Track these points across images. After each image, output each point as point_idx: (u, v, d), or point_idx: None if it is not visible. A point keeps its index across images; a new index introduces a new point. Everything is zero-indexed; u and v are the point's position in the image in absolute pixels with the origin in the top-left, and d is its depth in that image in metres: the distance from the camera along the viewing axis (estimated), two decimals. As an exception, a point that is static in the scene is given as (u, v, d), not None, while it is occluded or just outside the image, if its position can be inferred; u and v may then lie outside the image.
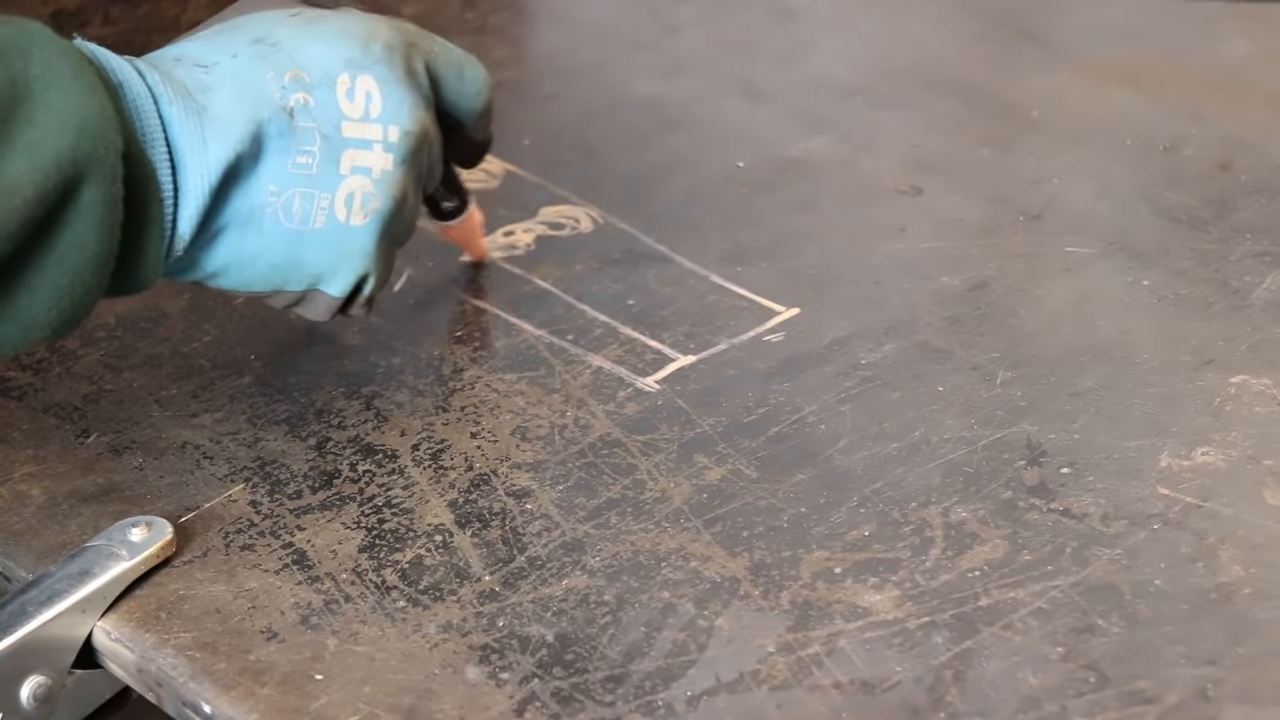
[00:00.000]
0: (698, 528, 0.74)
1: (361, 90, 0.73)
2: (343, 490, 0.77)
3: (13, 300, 0.65)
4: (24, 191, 0.62)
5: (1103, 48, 1.11)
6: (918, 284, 0.89)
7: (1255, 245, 0.91)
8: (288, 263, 0.74)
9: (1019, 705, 0.65)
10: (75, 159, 0.64)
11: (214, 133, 0.70)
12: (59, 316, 0.66)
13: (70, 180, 0.64)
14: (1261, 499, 0.74)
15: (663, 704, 0.66)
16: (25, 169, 0.62)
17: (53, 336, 0.67)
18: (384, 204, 0.74)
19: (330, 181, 0.73)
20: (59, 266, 0.65)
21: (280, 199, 0.72)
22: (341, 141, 0.72)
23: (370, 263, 0.75)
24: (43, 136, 0.63)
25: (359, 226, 0.74)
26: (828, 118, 1.04)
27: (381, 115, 0.73)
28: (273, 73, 0.72)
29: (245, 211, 0.72)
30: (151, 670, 0.69)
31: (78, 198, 0.64)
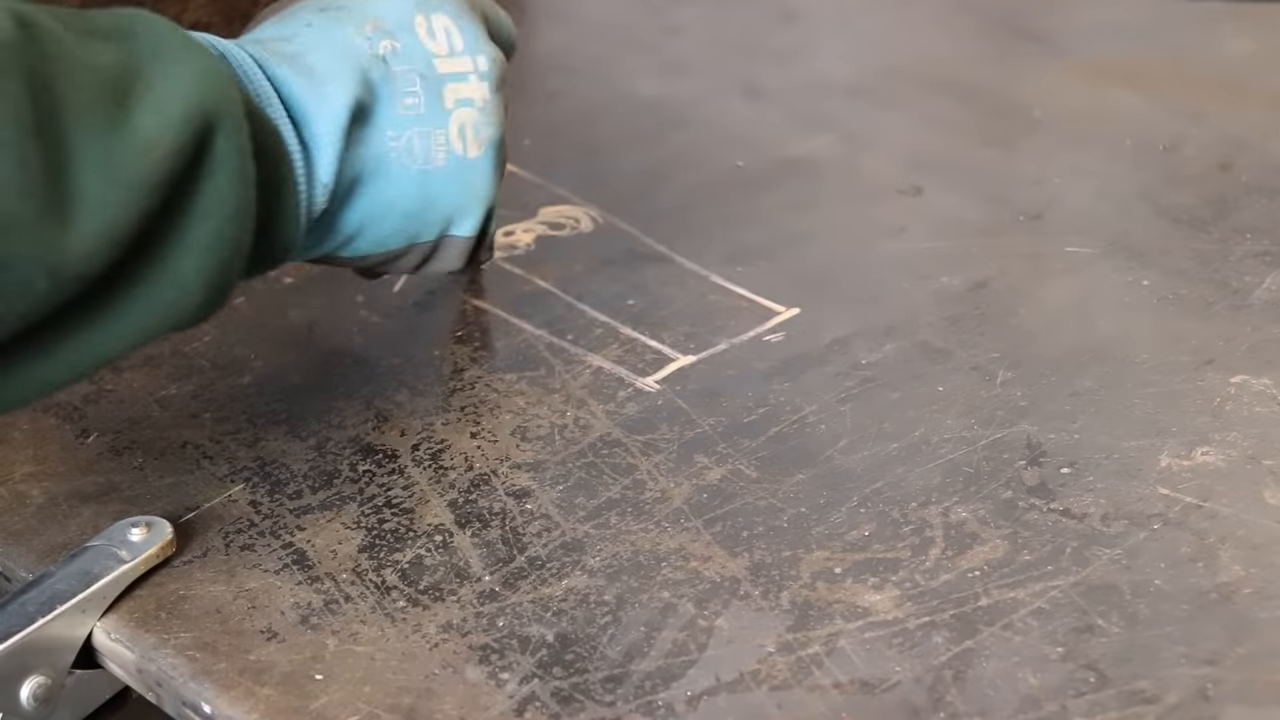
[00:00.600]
0: (698, 528, 0.74)
1: (440, 27, 0.75)
2: (343, 490, 0.77)
3: (162, 261, 0.64)
4: (162, 145, 0.63)
5: (1103, 48, 1.11)
6: (918, 284, 0.89)
7: (1255, 245, 0.91)
8: (420, 207, 0.74)
9: (1019, 705, 0.65)
10: (203, 110, 0.64)
11: (329, 85, 0.71)
12: (209, 278, 0.66)
13: (202, 130, 0.64)
14: (1261, 499, 0.74)
15: (663, 704, 0.66)
16: (157, 124, 0.63)
17: (205, 304, 0.67)
18: (493, 131, 0.75)
19: (440, 118, 0.74)
20: (203, 223, 0.65)
21: (401, 142, 0.73)
22: (439, 78, 0.74)
23: (492, 194, 0.76)
24: (167, 96, 0.64)
25: (477, 158, 0.75)
26: (828, 118, 1.04)
27: (466, 48, 0.75)
28: (352, 28, 0.73)
29: (374, 159, 0.73)
30: (151, 670, 0.69)
31: (212, 148, 0.65)
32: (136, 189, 0.62)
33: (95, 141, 0.61)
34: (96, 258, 0.61)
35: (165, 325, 0.66)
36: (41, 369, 0.63)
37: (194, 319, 0.67)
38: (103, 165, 0.61)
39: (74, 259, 0.60)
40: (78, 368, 0.64)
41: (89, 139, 0.61)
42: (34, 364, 0.63)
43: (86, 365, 0.64)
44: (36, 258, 0.59)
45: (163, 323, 0.66)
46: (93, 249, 0.61)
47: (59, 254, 0.60)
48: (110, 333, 0.64)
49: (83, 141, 0.61)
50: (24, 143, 0.59)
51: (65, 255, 0.60)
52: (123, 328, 0.64)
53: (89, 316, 0.63)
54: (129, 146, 0.62)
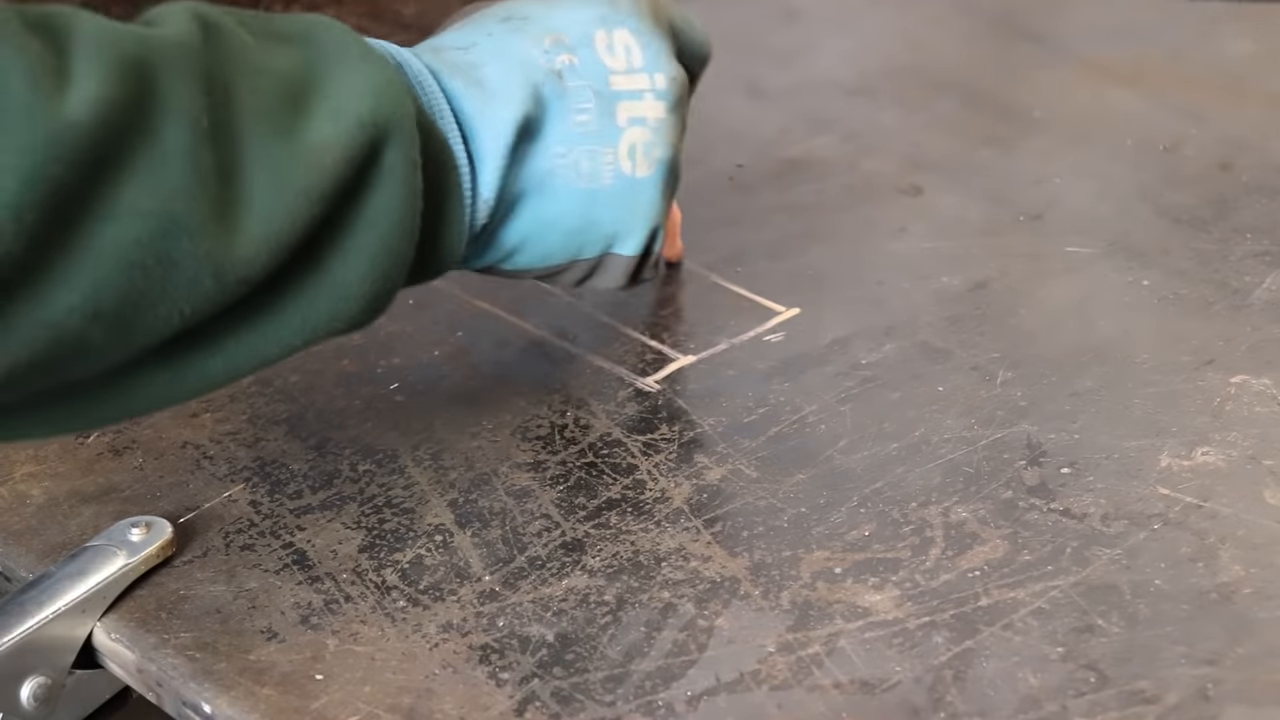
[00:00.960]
0: (698, 528, 0.74)
1: (620, 44, 0.74)
2: (343, 490, 0.77)
3: (327, 267, 0.65)
4: (333, 152, 0.63)
5: (1103, 48, 1.11)
6: (918, 284, 0.89)
7: (1255, 245, 0.91)
8: (584, 225, 0.74)
9: (1019, 705, 0.65)
10: (376, 120, 0.64)
11: (498, 99, 0.71)
12: (371, 287, 0.66)
13: (374, 141, 0.64)
14: (1261, 499, 0.74)
15: (663, 704, 0.66)
16: (330, 131, 0.63)
17: (366, 311, 0.67)
18: (665, 151, 0.74)
19: (611, 135, 0.73)
20: (369, 232, 0.65)
21: (568, 159, 0.72)
22: (613, 95, 0.73)
23: (659, 215, 0.75)
24: (342, 104, 0.64)
25: (645, 177, 0.74)
26: (828, 118, 1.04)
27: (645, 65, 0.74)
28: (532, 41, 0.73)
29: (539, 175, 0.72)
30: (151, 670, 0.69)
31: (381, 159, 0.65)
32: (305, 196, 0.62)
33: (268, 148, 0.62)
34: (261, 262, 0.61)
35: (326, 330, 0.66)
36: (203, 365, 0.64)
37: (354, 325, 0.67)
38: (273, 171, 0.62)
39: (240, 262, 0.61)
40: (238, 367, 0.65)
41: (262, 145, 0.62)
42: (197, 360, 0.64)
43: (246, 365, 0.65)
44: (204, 259, 0.60)
45: (323, 328, 0.66)
46: (258, 253, 0.61)
47: (226, 256, 0.60)
48: (271, 335, 0.64)
49: (255, 147, 0.61)
50: (198, 148, 0.60)
51: (232, 258, 0.61)
52: (284, 331, 0.65)
53: (252, 317, 0.64)
54: (301, 154, 0.62)
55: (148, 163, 0.59)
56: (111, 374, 0.62)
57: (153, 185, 0.59)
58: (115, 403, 0.64)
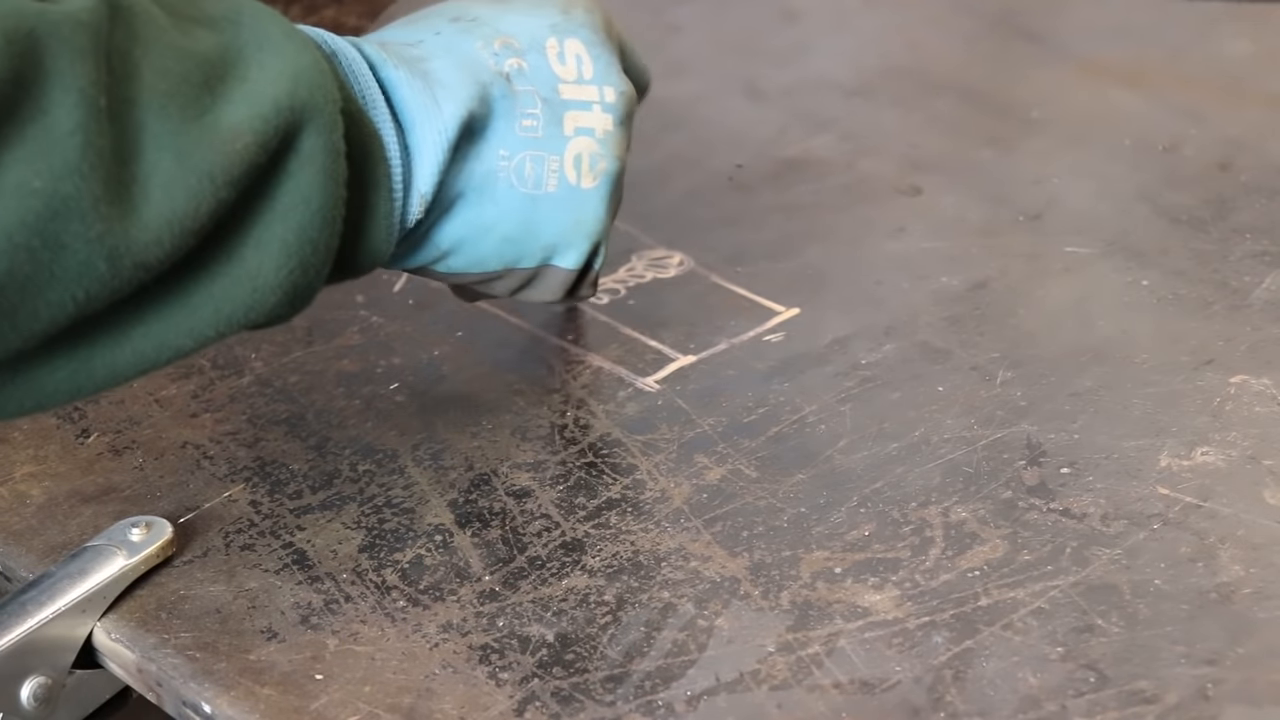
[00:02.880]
0: (698, 528, 0.74)
1: (571, 53, 0.73)
2: (343, 490, 0.77)
3: (240, 257, 0.63)
4: (244, 136, 0.61)
5: (1103, 48, 1.11)
6: (918, 284, 0.89)
7: (1255, 245, 0.91)
8: (522, 233, 0.73)
9: (1019, 705, 0.65)
10: (293, 105, 0.63)
11: (443, 93, 0.70)
12: (289, 278, 0.64)
13: (290, 126, 0.63)
14: (1261, 499, 0.74)
15: (663, 704, 0.66)
16: (244, 115, 0.62)
17: (284, 304, 0.65)
18: (611, 164, 0.74)
19: (557, 143, 0.72)
20: (285, 220, 0.64)
21: (512, 163, 0.71)
22: (562, 103, 0.72)
23: (601, 230, 0.74)
24: (259, 87, 0.63)
25: (590, 189, 0.73)
26: (828, 118, 1.04)
27: (595, 77, 0.73)
28: (481, 42, 0.72)
29: (480, 177, 0.71)
30: (152, 670, 0.69)
31: (298, 146, 0.63)
32: (212, 179, 0.61)
33: (173, 129, 0.60)
34: (162, 246, 0.60)
35: (242, 322, 0.64)
36: (110, 355, 0.62)
37: (274, 318, 0.66)
38: (177, 153, 0.60)
39: (137, 246, 0.59)
40: (148, 358, 0.63)
41: (166, 126, 0.60)
42: (103, 350, 0.62)
43: (157, 356, 0.63)
44: (96, 242, 0.58)
45: (239, 320, 0.64)
46: (158, 238, 0.60)
47: (120, 238, 0.59)
48: (181, 325, 0.63)
49: (159, 128, 0.60)
50: (92, 126, 0.58)
51: (127, 240, 0.59)
52: (194, 321, 0.63)
53: (160, 307, 0.62)
54: (209, 136, 0.61)
55: (34, 140, 0.57)
56: (14, 363, 0.60)
57: (40, 163, 0.57)
58: (22, 393, 0.62)
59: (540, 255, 0.74)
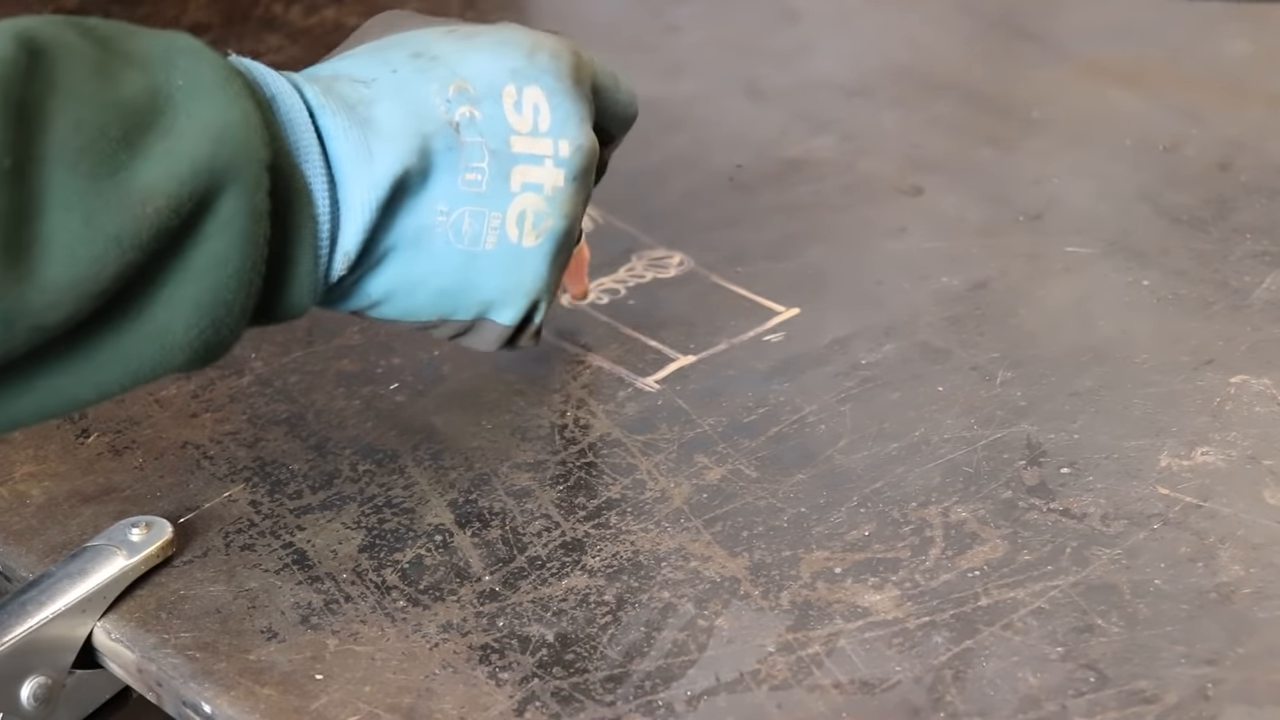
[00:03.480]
0: (698, 528, 0.74)
1: (529, 102, 0.70)
2: (343, 490, 0.77)
3: (150, 316, 0.61)
4: (156, 199, 0.59)
5: (1103, 48, 1.11)
6: (918, 284, 0.89)
7: (1255, 245, 0.91)
8: (457, 288, 0.70)
9: (1019, 705, 0.65)
10: (213, 167, 0.61)
11: (380, 146, 0.67)
12: (199, 337, 0.62)
13: (208, 189, 0.61)
14: (1261, 499, 0.74)
15: (663, 704, 0.66)
16: (160, 176, 0.59)
17: (195, 360, 0.64)
18: (557, 223, 0.70)
19: (501, 199, 0.69)
20: (198, 282, 0.62)
21: (450, 218, 0.68)
22: (511, 157, 0.69)
23: (543, 287, 0.71)
24: (179, 145, 0.60)
25: (531, 248, 0.70)
26: (828, 118, 1.04)
27: (551, 129, 0.70)
28: (436, 85, 0.68)
29: (413, 231, 0.68)
30: (152, 670, 0.69)
31: (216, 208, 0.61)
32: (119, 243, 0.59)
33: (83, 187, 0.58)
34: (60, 308, 0.58)
35: (150, 376, 0.63)
36: (9, 407, 0.61)
37: (185, 370, 0.64)
38: (85, 214, 0.58)
39: (33, 308, 0.57)
40: (49, 408, 0.62)
41: (75, 184, 0.58)
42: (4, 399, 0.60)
43: (59, 408, 0.62)
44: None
45: (145, 374, 0.63)
46: (58, 301, 0.58)
47: (15, 301, 0.57)
48: (84, 380, 0.61)
49: (68, 186, 0.58)
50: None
51: (22, 304, 0.57)
52: (99, 377, 0.62)
53: (62, 363, 0.60)
54: (121, 197, 0.59)
55: None
56: None
57: None
58: None
59: (475, 310, 0.71)
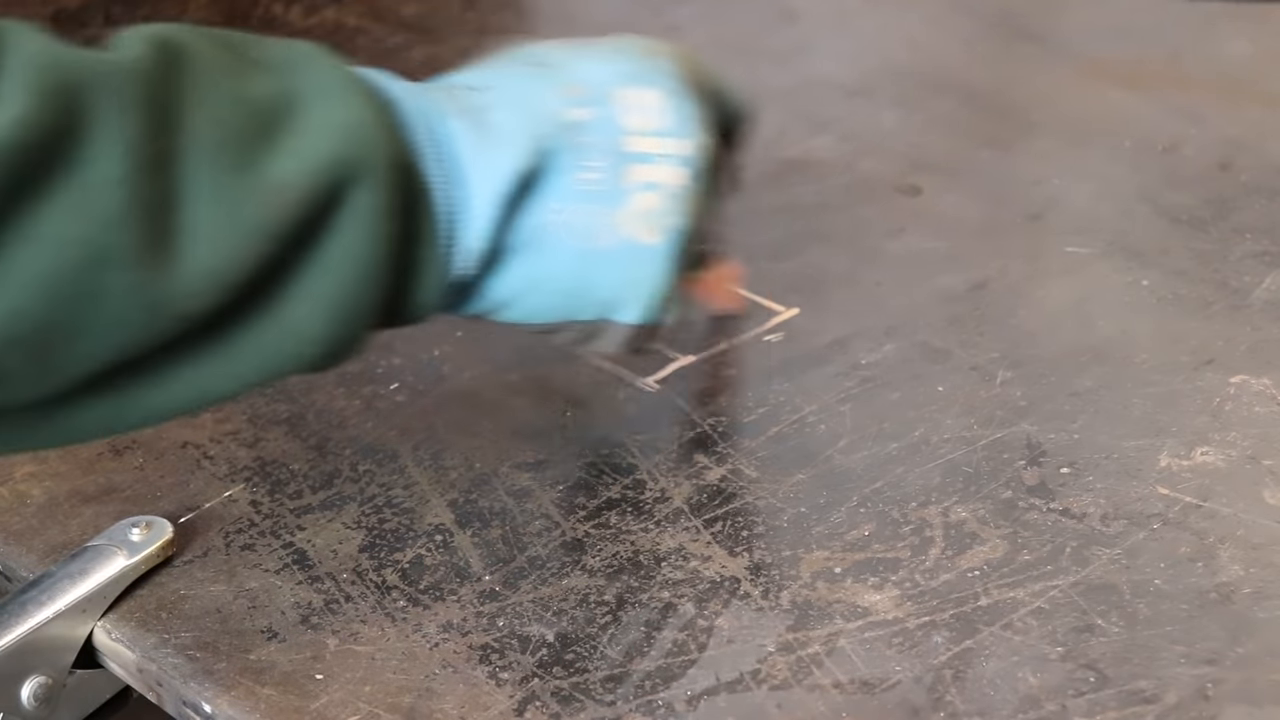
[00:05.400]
0: (698, 528, 0.74)
1: (645, 104, 0.70)
2: (343, 490, 0.77)
3: (284, 309, 0.62)
4: (292, 190, 0.60)
5: (1103, 48, 1.11)
6: (918, 284, 0.89)
7: (1255, 245, 0.91)
8: (578, 288, 0.70)
9: (1019, 705, 0.65)
10: (345, 161, 0.62)
11: (499, 147, 0.67)
12: (331, 331, 0.63)
13: (339, 182, 0.62)
14: (1261, 499, 0.74)
15: (663, 703, 0.66)
16: (293, 169, 0.60)
17: (327, 356, 0.64)
18: (676, 221, 0.70)
19: (619, 198, 0.69)
20: (330, 275, 0.62)
21: (569, 217, 0.69)
22: (628, 156, 0.69)
23: (664, 285, 0.71)
24: (310, 141, 0.61)
25: (650, 245, 0.70)
26: (828, 118, 1.04)
27: (667, 129, 0.70)
28: (551, 90, 0.69)
29: (534, 231, 0.68)
30: (152, 670, 0.69)
31: (347, 201, 0.62)
32: (257, 232, 0.60)
33: (221, 180, 0.60)
34: (203, 298, 0.59)
35: (284, 371, 0.64)
36: (147, 399, 0.62)
37: (318, 367, 0.65)
38: (224, 205, 0.59)
39: (176, 297, 0.59)
40: (187, 403, 0.63)
41: (214, 177, 0.60)
42: (140, 394, 0.61)
43: (196, 402, 0.63)
44: (135, 292, 0.58)
45: (280, 369, 0.64)
46: (200, 289, 0.59)
47: (160, 290, 0.58)
48: (220, 373, 0.62)
49: (206, 179, 0.59)
50: (134, 176, 0.57)
51: (167, 292, 0.58)
52: (235, 369, 0.63)
53: (199, 355, 0.61)
54: (256, 189, 0.60)
55: (78, 190, 0.57)
56: (47, 406, 0.60)
57: (81, 214, 0.57)
58: (56, 430, 0.61)
59: (598, 310, 0.71)
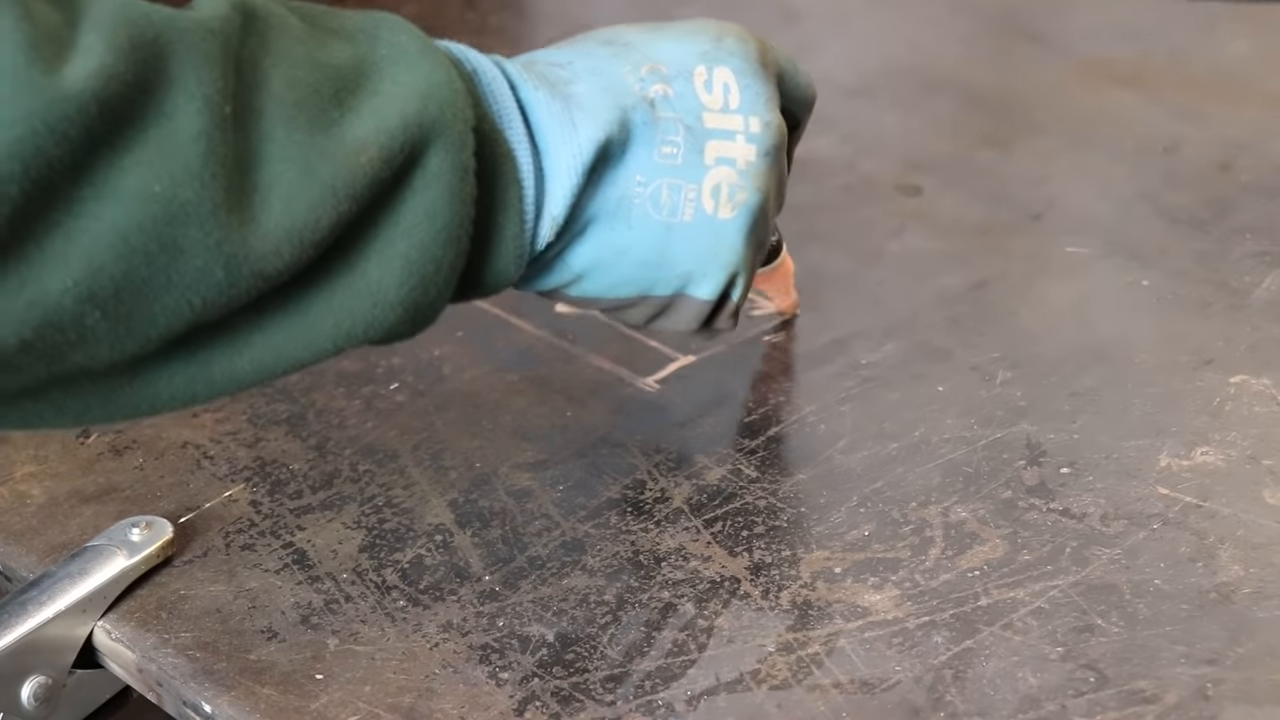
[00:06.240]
0: (698, 528, 0.74)
1: (719, 82, 0.71)
2: (343, 490, 0.77)
3: (362, 271, 0.62)
4: (369, 150, 0.61)
5: (1103, 48, 1.11)
6: (918, 284, 0.89)
7: (1255, 245, 0.91)
8: (657, 260, 0.71)
9: (1019, 705, 0.65)
10: (422, 122, 0.62)
11: (581, 117, 0.68)
12: (410, 294, 0.63)
13: (417, 143, 0.62)
14: (1261, 499, 0.74)
15: (663, 703, 0.66)
16: (370, 129, 0.61)
17: (405, 321, 0.64)
18: (750, 196, 0.71)
19: (696, 172, 0.70)
20: (408, 237, 0.63)
21: (648, 189, 0.70)
22: (704, 132, 0.71)
23: (739, 261, 0.72)
24: (389, 102, 0.62)
25: (727, 220, 0.71)
26: (828, 118, 1.04)
27: (741, 106, 0.71)
28: (629, 67, 0.70)
29: (614, 202, 0.69)
30: (152, 670, 0.69)
31: (425, 163, 0.63)
32: (335, 192, 0.60)
33: (299, 139, 0.60)
34: (281, 257, 0.59)
35: (362, 337, 0.64)
36: (229, 363, 0.62)
37: (395, 334, 0.65)
38: (301, 164, 0.60)
39: (256, 255, 0.59)
40: (267, 367, 0.62)
41: (293, 136, 0.60)
42: (221, 357, 0.61)
43: (276, 366, 0.63)
44: (215, 249, 0.58)
45: (359, 334, 0.63)
46: (278, 248, 0.59)
47: (239, 246, 0.58)
48: (300, 337, 0.62)
49: (285, 138, 0.60)
50: (215, 133, 0.58)
51: (246, 249, 0.59)
52: (314, 334, 0.62)
53: (279, 316, 0.62)
54: (334, 149, 0.60)
55: (156, 144, 0.57)
56: (131, 366, 0.60)
57: (160, 168, 0.57)
58: (136, 397, 0.61)
59: (674, 284, 0.72)
